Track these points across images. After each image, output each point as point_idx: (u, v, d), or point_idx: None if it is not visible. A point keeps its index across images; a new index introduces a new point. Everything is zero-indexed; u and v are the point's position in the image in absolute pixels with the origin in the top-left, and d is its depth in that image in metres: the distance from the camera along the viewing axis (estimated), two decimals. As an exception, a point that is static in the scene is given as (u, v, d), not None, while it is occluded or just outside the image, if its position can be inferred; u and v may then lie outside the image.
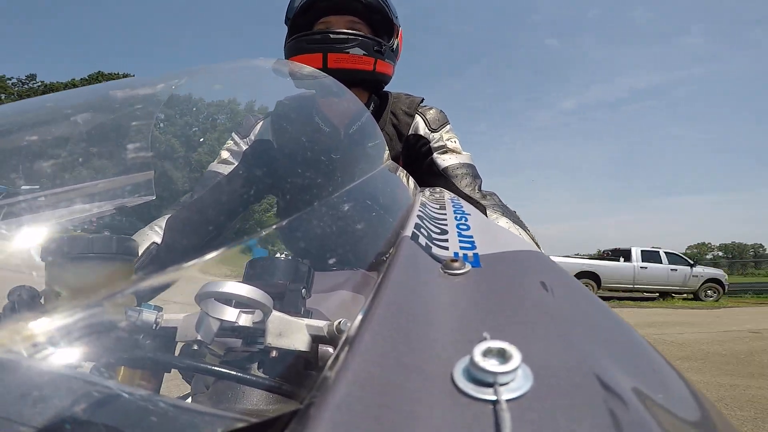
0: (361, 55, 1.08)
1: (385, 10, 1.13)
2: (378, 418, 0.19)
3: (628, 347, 0.28)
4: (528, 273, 0.36)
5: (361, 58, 1.08)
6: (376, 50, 1.10)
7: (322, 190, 0.81)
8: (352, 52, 1.07)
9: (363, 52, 1.08)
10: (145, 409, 0.25)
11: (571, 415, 0.18)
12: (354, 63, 1.08)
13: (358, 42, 1.07)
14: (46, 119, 0.62)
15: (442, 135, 1.22)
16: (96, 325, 0.33)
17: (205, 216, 0.97)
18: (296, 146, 1.08)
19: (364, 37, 1.08)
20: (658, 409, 0.21)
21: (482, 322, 0.27)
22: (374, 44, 1.10)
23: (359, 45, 1.07)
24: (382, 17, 1.14)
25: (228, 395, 0.40)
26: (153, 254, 0.83)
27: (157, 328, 0.44)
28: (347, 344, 0.25)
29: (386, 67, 1.14)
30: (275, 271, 0.49)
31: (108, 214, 0.64)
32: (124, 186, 0.68)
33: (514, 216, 1.06)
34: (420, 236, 0.46)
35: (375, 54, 1.10)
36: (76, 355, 0.30)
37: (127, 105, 0.68)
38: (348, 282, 0.57)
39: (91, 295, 0.35)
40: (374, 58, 1.10)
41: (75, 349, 0.29)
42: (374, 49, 1.10)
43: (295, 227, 0.58)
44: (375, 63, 1.10)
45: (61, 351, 0.28)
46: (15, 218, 0.52)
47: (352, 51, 1.07)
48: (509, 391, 0.20)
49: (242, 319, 0.40)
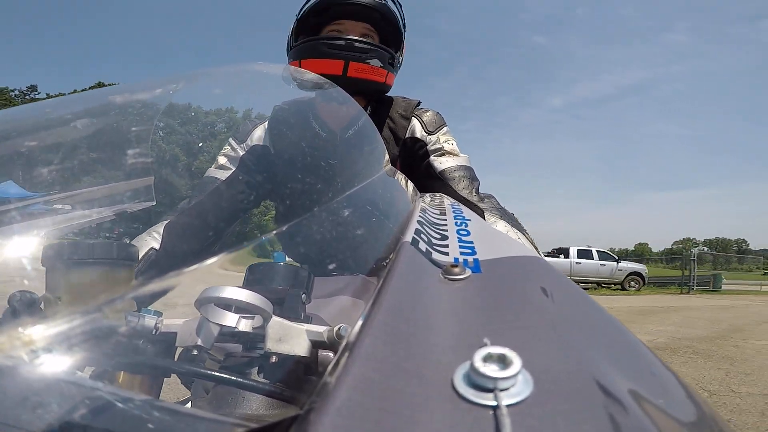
0: (379, 66, 1.08)
1: (398, 22, 1.14)
2: (378, 423, 0.19)
3: (627, 352, 0.28)
4: (528, 278, 0.36)
5: (378, 69, 1.08)
6: (390, 63, 1.11)
7: (320, 195, 0.81)
8: (372, 63, 1.07)
9: (380, 64, 1.08)
10: (145, 415, 0.25)
11: (572, 420, 0.18)
12: (372, 74, 1.08)
13: (377, 53, 1.07)
14: (45, 125, 0.63)
15: (439, 137, 1.21)
16: (95, 331, 0.33)
17: (203, 221, 0.97)
18: (294, 151, 1.08)
19: (382, 49, 1.09)
20: (658, 413, 0.21)
21: (482, 328, 0.27)
22: (389, 57, 1.10)
23: (378, 56, 1.08)
24: (394, 29, 1.14)
25: (228, 400, 0.40)
26: (152, 260, 0.84)
27: (157, 333, 0.44)
28: (347, 349, 0.25)
29: (392, 78, 1.15)
30: (275, 276, 0.49)
31: (108, 220, 0.64)
32: (123, 192, 0.68)
33: (513, 219, 1.06)
34: (420, 242, 0.46)
35: (388, 66, 1.10)
36: (76, 360, 0.30)
37: (126, 110, 0.68)
38: (348, 287, 0.57)
39: (91, 301, 0.35)
40: (387, 71, 1.10)
41: (74, 355, 0.29)
42: (388, 61, 1.10)
43: (294, 233, 0.58)
44: (387, 75, 1.11)
45: (61, 356, 0.28)
46: (15, 224, 0.52)
47: (372, 62, 1.07)
48: (509, 397, 0.20)
49: (242, 325, 0.40)
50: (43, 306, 0.46)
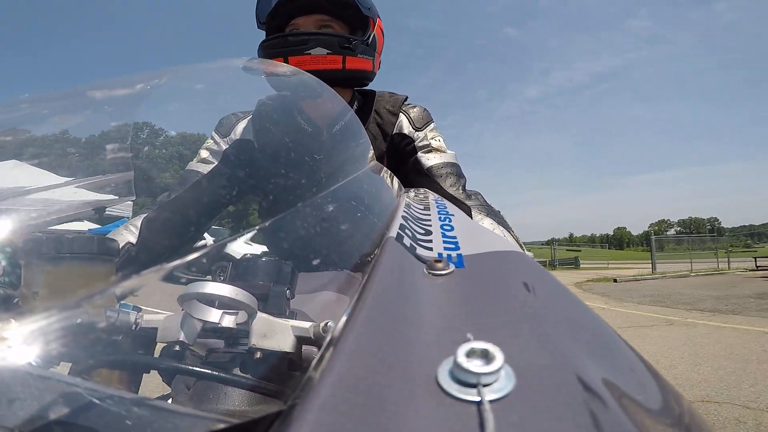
0: (325, 54, 1.04)
1: (354, 3, 1.09)
2: (362, 419, 0.19)
3: (607, 347, 0.28)
4: (511, 273, 0.37)
5: (325, 57, 1.04)
6: (345, 47, 1.06)
7: (305, 190, 0.80)
8: (314, 53, 1.03)
9: (327, 51, 1.04)
10: (124, 411, 0.25)
11: (553, 415, 0.19)
12: (318, 63, 1.04)
13: (319, 41, 1.03)
14: (23, 120, 0.61)
15: (426, 134, 1.21)
16: (74, 326, 0.33)
17: (183, 216, 0.95)
18: (278, 146, 1.07)
19: (325, 35, 1.05)
20: (636, 408, 0.22)
21: (466, 323, 0.28)
22: (340, 40, 1.06)
23: (321, 44, 1.04)
24: (354, 11, 1.10)
25: (209, 396, 0.39)
26: (130, 254, 0.82)
27: (137, 328, 0.44)
28: (332, 345, 0.25)
29: (360, 62, 1.10)
30: (258, 271, 0.49)
31: (86, 214, 0.63)
32: (103, 186, 0.67)
33: (499, 216, 1.07)
34: (404, 237, 0.46)
35: (342, 51, 1.06)
36: (53, 355, 0.29)
37: (105, 105, 0.67)
38: (332, 283, 0.56)
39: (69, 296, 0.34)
40: (342, 55, 1.06)
41: (52, 350, 0.29)
42: (341, 45, 1.06)
43: (278, 228, 0.57)
44: (344, 60, 1.06)
45: (38, 352, 0.28)
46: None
47: (314, 51, 1.03)
48: (492, 392, 0.20)
49: (225, 321, 0.40)
50: (19, 301, 0.45)
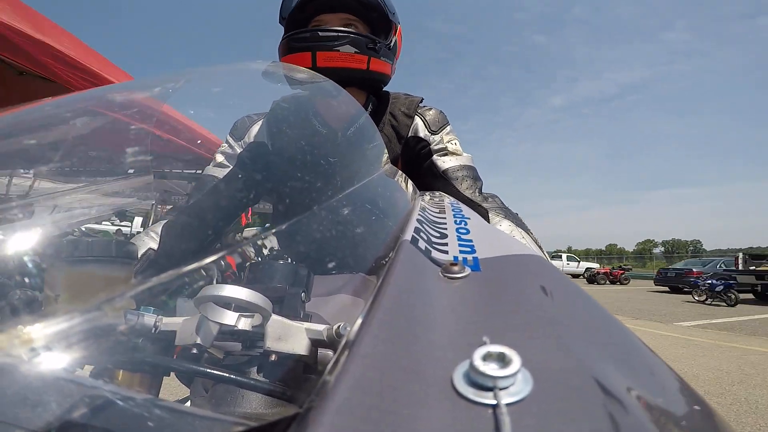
0: (353, 53, 1.04)
1: (381, 6, 1.10)
2: (378, 422, 0.19)
3: (626, 351, 0.28)
4: (527, 277, 0.36)
5: (352, 56, 1.04)
6: (370, 48, 1.06)
7: (320, 193, 0.80)
8: (342, 50, 1.03)
9: (355, 50, 1.04)
10: (144, 413, 0.25)
11: (571, 419, 0.18)
12: (345, 61, 1.04)
13: (349, 39, 1.04)
14: (44, 123, 0.62)
15: (442, 137, 1.20)
16: (95, 329, 0.33)
17: (201, 221, 0.96)
18: (293, 149, 1.07)
19: (355, 35, 1.05)
20: (656, 411, 0.21)
21: (482, 326, 0.27)
22: (367, 41, 1.06)
23: (350, 42, 1.04)
24: (379, 14, 1.11)
25: (227, 399, 0.40)
26: (151, 259, 0.83)
27: (156, 331, 0.44)
28: (347, 348, 0.25)
29: (382, 65, 1.11)
30: (274, 274, 0.49)
31: (107, 218, 0.64)
32: (123, 189, 0.68)
33: (517, 218, 1.05)
34: (420, 240, 0.46)
35: (368, 51, 1.06)
36: (75, 358, 0.30)
37: (125, 108, 0.68)
38: (347, 286, 0.57)
39: (90, 299, 0.35)
40: (367, 56, 1.06)
41: (74, 353, 0.29)
42: (367, 46, 1.06)
43: (294, 231, 0.58)
44: (369, 61, 1.07)
45: (60, 355, 0.28)
46: (14, 222, 0.52)
47: (343, 49, 1.03)
48: (509, 395, 0.20)
49: (242, 323, 0.40)
50: (42, 304, 0.46)
